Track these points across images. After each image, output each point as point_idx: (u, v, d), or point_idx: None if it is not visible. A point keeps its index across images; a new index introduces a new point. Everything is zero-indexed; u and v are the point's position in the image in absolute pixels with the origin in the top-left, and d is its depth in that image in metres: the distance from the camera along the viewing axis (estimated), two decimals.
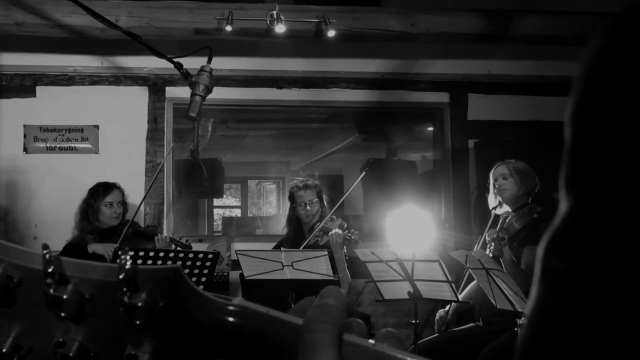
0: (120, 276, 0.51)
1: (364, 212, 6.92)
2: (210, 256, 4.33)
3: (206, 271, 4.30)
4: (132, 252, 4.17)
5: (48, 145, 5.57)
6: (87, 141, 5.61)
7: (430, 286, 3.89)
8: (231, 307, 0.54)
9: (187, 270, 4.23)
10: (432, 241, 4.70)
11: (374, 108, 6.21)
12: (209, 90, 3.31)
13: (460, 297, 4.14)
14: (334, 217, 4.76)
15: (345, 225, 4.68)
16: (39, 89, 5.62)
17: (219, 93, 4.69)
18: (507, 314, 3.69)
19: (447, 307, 4.42)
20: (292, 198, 4.93)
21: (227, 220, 10.99)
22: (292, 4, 5.15)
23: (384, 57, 5.94)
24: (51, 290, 0.52)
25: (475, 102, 6.10)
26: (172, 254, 4.32)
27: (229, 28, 4.88)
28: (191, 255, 4.32)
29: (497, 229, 4.17)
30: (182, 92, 5.18)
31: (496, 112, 6.08)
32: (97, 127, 5.64)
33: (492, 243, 4.08)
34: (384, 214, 5.08)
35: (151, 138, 5.70)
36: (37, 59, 5.58)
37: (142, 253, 4.18)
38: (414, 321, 4.03)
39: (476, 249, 4.29)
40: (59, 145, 5.58)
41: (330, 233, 4.58)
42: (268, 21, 4.92)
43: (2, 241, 0.53)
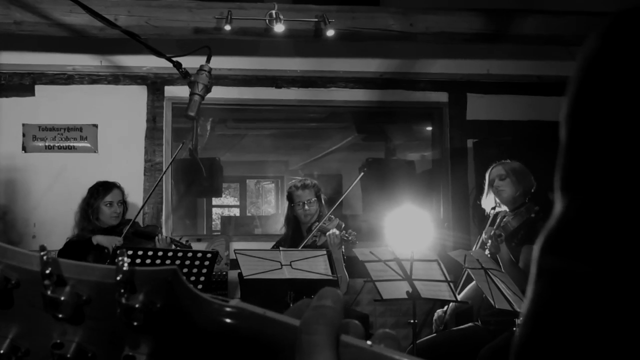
0: (118, 278, 0.51)
1: (362, 212, 6.92)
2: (209, 255, 4.33)
3: (205, 270, 4.30)
4: (130, 252, 4.18)
5: (47, 144, 5.57)
6: (86, 140, 5.61)
7: (429, 286, 3.89)
8: (228, 309, 0.54)
9: (185, 270, 4.23)
10: (431, 241, 4.71)
11: (373, 108, 6.21)
12: (208, 89, 3.31)
13: (459, 297, 4.14)
14: (332, 216, 4.76)
15: (343, 226, 4.67)
16: (37, 88, 5.61)
17: (218, 92, 4.69)
18: (505, 314, 3.70)
19: (446, 307, 4.43)
20: (290, 198, 4.92)
21: (225, 220, 10.97)
22: (291, 3, 5.15)
23: (383, 57, 5.94)
24: (49, 292, 0.52)
25: (474, 101, 6.10)
26: (170, 253, 4.32)
27: (228, 27, 4.88)
28: (190, 254, 4.32)
29: (494, 227, 4.19)
30: (181, 92, 5.18)
31: (495, 112, 6.08)
32: (95, 126, 5.64)
33: (489, 241, 4.10)
34: (383, 214, 5.08)
35: (150, 137, 5.70)
36: (36, 58, 5.57)
37: (140, 252, 4.18)
38: (412, 321, 4.03)
39: (475, 248, 4.29)
40: (58, 144, 5.58)
41: (327, 234, 4.57)
42: (267, 21, 4.92)
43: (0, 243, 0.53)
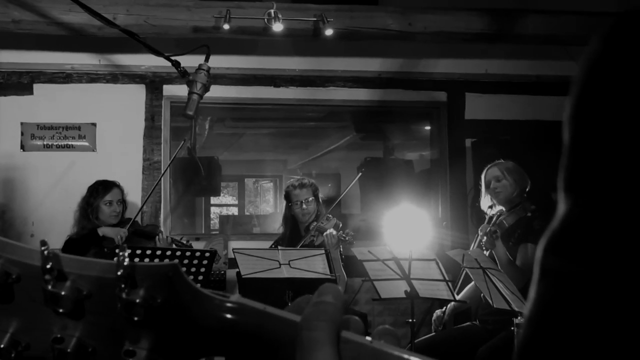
0: (118, 273, 0.51)
1: (361, 211, 6.92)
2: (207, 254, 4.33)
3: (203, 269, 4.30)
4: (129, 251, 4.15)
5: (45, 143, 5.57)
6: (85, 139, 5.61)
7: (427, 285, 3.89)
8: (229, 304, 0.54)
9: (184, 269, 4.19)
10: (429, 240, 4.71)
11: (372, 107, 6.21)
12: (206, 88, 3.30)
13: (458, 297, 4.14)
14: (330, 216, 4.75)
15: (340, 225, 4.66)
16: (36, 86, 5.61)
17: (217, 91, 4.70)
18: (503, 313, 3.70)
19: (444, 308, 4.43)
20: (288, 197, 4.92)
21: (224, 219, 10.96)
22: (290, 2, 5.15)
23: (382, 56, 5.94)
24: (49, 287, 0.52)
25: (473, 101, 6.10)
26: (169, 252, 4.31)
27: (226, 26, 4.87)
28: (188, 253, 4.32)
29: (490, 224, 4.22)
30: (180, 90, 5.17)
31: (493, 112, 6.08)
32: (94, 125, 5.63)
33: (485, 237, 4.12)
34: (381, 213, 5.08)
35: (148, 136, 5.70)
36: (35, 57, 5.57)
37: (139, 251, 4.18)
38: (410, 320, 4.03)
39: (472, 247, 4.29)
40: (56, 143, 5.57)
41: (325, 233, 4.57)
42: (266, 20, 4.91)
43: (0, 237, 0.53)
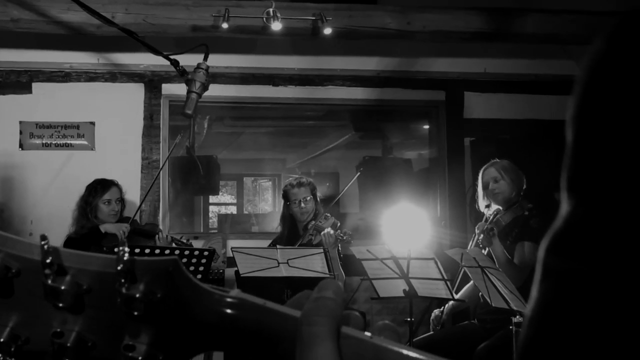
0: (118, 267, 0.51)
1: (359, 210, 6.92)
2: (206, 253, 4.33)
3: (202, 268, 4.30)
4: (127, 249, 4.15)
5: (44, 141, 5.56)
6: (83, 138, 5.60)
7: (426, 284, 3.90)
8: (229, 299, 0.54)
9: None
10: (428, 239, 4.70)
11: (370, 106, 6.21)
12: (205, 87, 3.30)
13: (457, 296, 4.15)
14: (328, 215, 4.75)
15: (338, 225, 4.65)
16: (35, 85, 5.61)
17: (215, 90, 4.70)
18: (502, 312, 3.70)
19: (442, 307, 4.43)
20: (286, 196, 4.91)
21: (222, 218, 10.96)
22: (289, 1, 5.14)
23: (380, 55, 5.94)
24: (49, 281, 0.52)
25: (471, 100, 6.10)
26: (167, 251, 4.31)
27: (225, 25, 4.87)
28: (187, 252, 4.32)
29: (487, 222, 4.23)
30: (178, 89, 5.17)
31: (492, 111, 6.09)
32: (93, 123, 5.63)
33: (482, 235, 4.13)
34: (380, 212, 5.08)
35: (147, 135, 5.70)
36: (33, 56, 5.56)
37: (137, 250, 4.18)
38: (409, 319, 4.04)
39: (470, 246, 4.30)
40: (55, 142, 5.57)
41: (322, 233, 4.56)
42: (264, 18, 4.91)
43: (0, 232, 0.53)
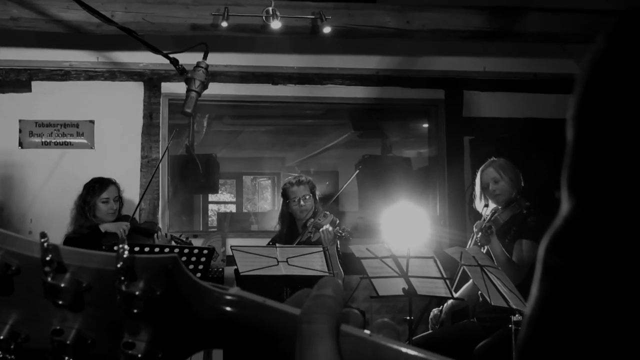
0: (118, 265, 0.52)
1: (359, 209, 6.92)
2: (205, 252, 4.32)
3: (201, 267, 4.29)
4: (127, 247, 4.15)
5: (43, 140, 5.56)
6: (83, 136, 5.60)
7: (425, 283, 3.90)
8: (228, 297, 0.54)
9: None
10: (427, 238, 4.71)
11: (370, 104, 6.21)
12: (204, 86, 3.30)
13: (456, 295, 4.15)
14: (327, 212, 4.75)
15: (337, 222, 4.65)
16: (34, 84, 5.60)
17: (215, 89, 4.69)
18: (501, 311, 3.70)
19: (441, 307, 4.43)
20: (285, 194, 4.91)
21: (221, 216, 10.94)
22: (288, 0, 5.14)
23: (380, 54, 5.94)
24: (49, 279, 0.52)
25: (471, 99, 6.10)
26: (166, 250, 4.31)
27: (224, 24, 4.87)
28: (186, 250, 4.31)
29: (485, 220, 4.24)
30: (178, 88, 5.16)
31: (491, 109, 6.08)
32: (92, 122, 5.62)
33: (480, 233, 4.13)
34: (379, 211, 5.08)
35: (146, 133, 5.69)
36: (33, 54, 5.56)
37: (137, 248, 4.17)
38: (408, 318, 4.04)
39: (469, 245, 4.30)
40: (55, 140, 5.57)
41: (321, 230, 4.56)
42: (264, 17, 4.91)
43: (0, 230, 0.54)
